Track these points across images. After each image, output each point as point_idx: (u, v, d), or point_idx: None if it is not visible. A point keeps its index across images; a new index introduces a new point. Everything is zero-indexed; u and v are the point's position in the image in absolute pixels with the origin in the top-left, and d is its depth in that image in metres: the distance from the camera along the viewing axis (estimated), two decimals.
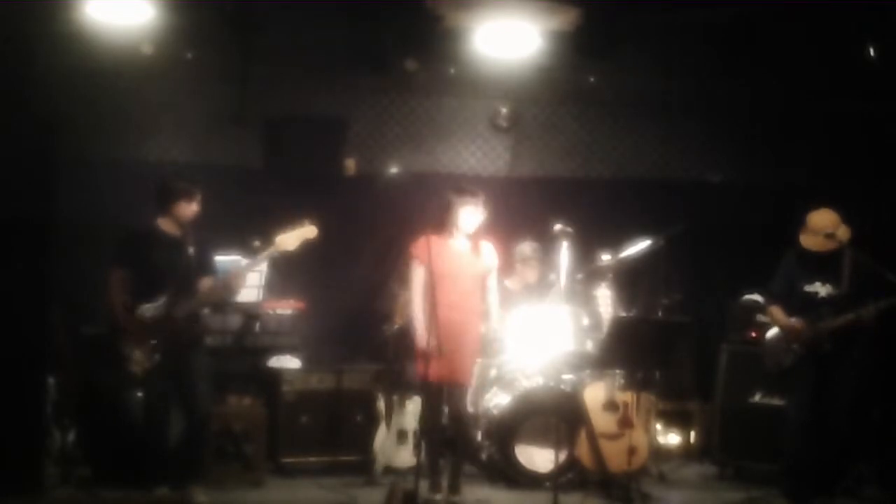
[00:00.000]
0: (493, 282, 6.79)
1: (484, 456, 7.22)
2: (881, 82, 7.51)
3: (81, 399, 6.95)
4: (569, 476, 7.00)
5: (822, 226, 6.60)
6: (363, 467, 7.22)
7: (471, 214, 6.62)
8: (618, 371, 7.19)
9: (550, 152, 9.03)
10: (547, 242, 7.36)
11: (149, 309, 6.21)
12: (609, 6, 7.06)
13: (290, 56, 7.78)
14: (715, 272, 8.73)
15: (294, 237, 6.32)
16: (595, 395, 7.16)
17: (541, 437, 7.07)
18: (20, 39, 6.45)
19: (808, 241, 6.66)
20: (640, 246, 7.26)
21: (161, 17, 6.91)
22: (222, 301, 6.56)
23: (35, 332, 6.57)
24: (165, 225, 6.38)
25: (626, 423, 7.07)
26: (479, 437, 7.19)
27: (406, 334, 7.39)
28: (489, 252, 6.73)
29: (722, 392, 7.77)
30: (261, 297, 7.36)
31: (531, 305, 7.38)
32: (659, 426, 8.04)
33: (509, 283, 7.62)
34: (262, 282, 7.33)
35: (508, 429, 7.11)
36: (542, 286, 7.54)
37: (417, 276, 6.55)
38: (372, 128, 8.73)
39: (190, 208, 6.35)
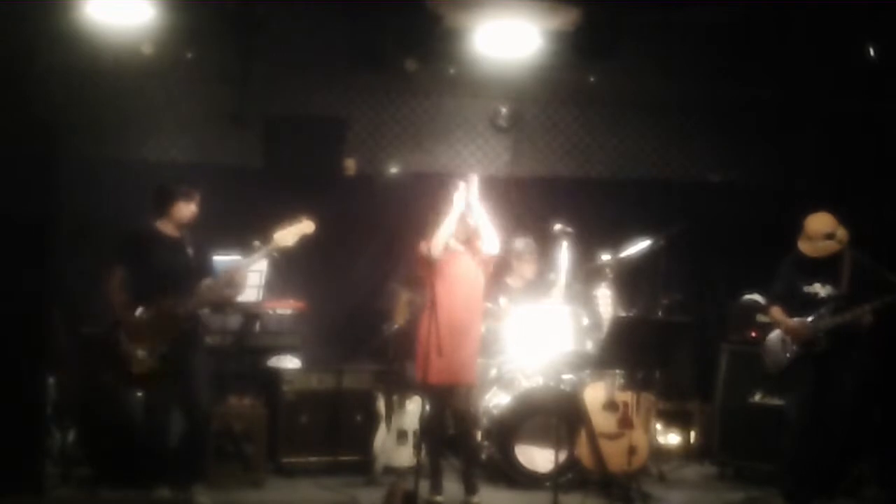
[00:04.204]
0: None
1: (484, 456, 7.22)
2: (881, 82, 7.51)
3: (81, 399, 6.94)
4: (569, 476, 7.00)
5: (821, 229, 6.60)
6: (363, 467, 7.23)
7: (464, 222, 6.63)
8: (618, 371, 7.19)
9: (550, 152, 9.03)
10: (547, 242, 7.36)
11: (150, 309, 6.21)
12: (609, 6, 7.06)
13: (290, 56, 7.78)
14: (715, 272, 8.74)
15: (292, 233, 6.32)
16: (595, 395, 7.17)
17: (541, 437, 7.07)
18: (20, 39, 6.45)
19: (807, 247, 6.64)
20: (640, 246, 7.26)
21: (161, 17, 6.91)
22: (225, 300, 6.55)
23: (35, 332, 6.57)
24: (164, 227, 6.38)
25: (626, 423, 7.07)
26: (479, 436, 7.19)
27: (406, 334, 7.41)
28: (485, 246, 6.71)
29: (722, 392, 7.77)
30: (261, 297, 7.37)
31: (531, 302, 7.37)
32: (659, 426, 8.04)
33: (510, 280, 7.63)
34: (262, 282, 7.34)
35: (508, 429, 7.11)
36: (541, 283, 7.54)
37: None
38: (372, 128, 8.73)
39: (188, 209, 6.36)
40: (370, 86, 8.55)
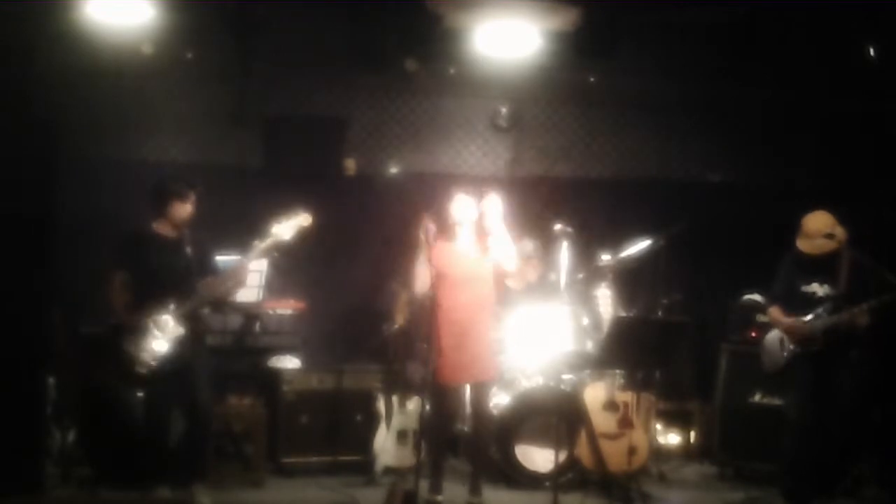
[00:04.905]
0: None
1: None
2: (881, 82, 7.51)
3: (81, 399, 6.94)
4: (569, 476, 7.00)
5: (819, 228, 6.60)
6: (363, 467, 7.22)
7: (464, 206, 6.62)
8: (618, 371, 7.19)
9: (550, 152, 9.03)
10: (547, 242, 7.36)
11: (152, 310, 6.20)
12: (609, 6, 7.06)
13: (290, 56, 7.78)
14: (715, 272, 8.73)
15: (289, 226, 6.32)
16: (595, 395, 7.16)
17: (541, 437, 7.07)
18: (20, 39, 6.45)
19: (805, 245, 6.64)
20: (640, 246, 7.26)
21: (161, 17, 6.91)
22: (225, 298, 6.55)
23: (35, 332, 6.56)
24: (161, 227, 6.37)
25: (626, 423, 7.07)
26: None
27: (406, 334, 7.41)
28: (496, 250, 6.71)
29: (722, 392, 7.77)
30: (261, 297, 7.37)
31: (532, 305, 7.37)
32: (659, 426, 8.04)
33: (510, 282, 7.61)
34: (262, 282, 7.34)
35: (508, 429, 7.11)
36: (542, 285, 7.54)
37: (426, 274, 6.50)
38: (372, 128, 8.73)
39: (184, 209, 6.35)
40: (370, 86, 8.54)
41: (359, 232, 8.51)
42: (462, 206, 6.64)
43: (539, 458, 7.09)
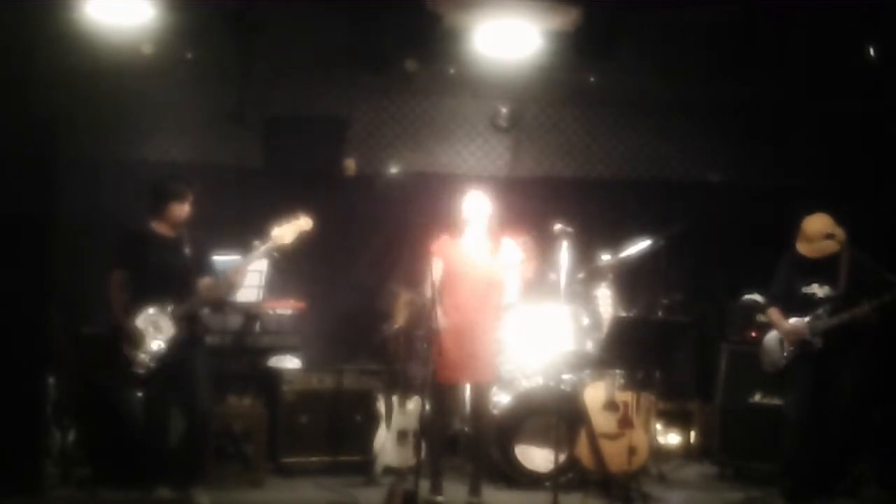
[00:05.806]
0: (512, 278, 6.77)
1: None
2: (881, 82, 7.51)
3: (81, 399, 6.94)
4: (569, 476, 7.00)
5: (821, 230, 6.60)
6: (363, 467, 7.22)
7: (474, 204, 6.61)
8: (618, 371, 7.19)
9: (550, 152, 9.04)
10: (547, 242, 7.36)
11: (150, 310, 6.20)
12: (609, 6, 7.06)
13: (290, 56, 7.79)
14: (715, 272, 8.74)
15: (290, 230, 6.32)
16: (595, 395, 7.16)
17: (541, 437, 7.07)
18: (20, 39, 6.45)
19: (807, 248, 6.65)
20: (640, 246, 7.26)
21: (161, 17, 6.92)
22: (223, 298, 6.57)
23: (35, 332, 6.57)
24: (160, 227, 6.38)
25: (626, 423, 7.07)
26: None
27: (406, 334, 7.41)
28: (509, 249, 6.71)
29: (722, 392, 7.77)
30: (261, 297, 7.37)
31: (531, 302, 7.37)
32: (659, 426, 8.04)
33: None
34: (262, 282, 7.34)
35: (508, 429, 7.11)
36: (539, 284, 7.53)
37: (435, 273, 6.50)
38: (372, 128, 8.74)
39: (182, 210, 6.35)
40: (370, 86, 8.55)
41: (359, 232, 8.52)
42: (472, 205, 6.63)
43: (539, 458, 7.09)
